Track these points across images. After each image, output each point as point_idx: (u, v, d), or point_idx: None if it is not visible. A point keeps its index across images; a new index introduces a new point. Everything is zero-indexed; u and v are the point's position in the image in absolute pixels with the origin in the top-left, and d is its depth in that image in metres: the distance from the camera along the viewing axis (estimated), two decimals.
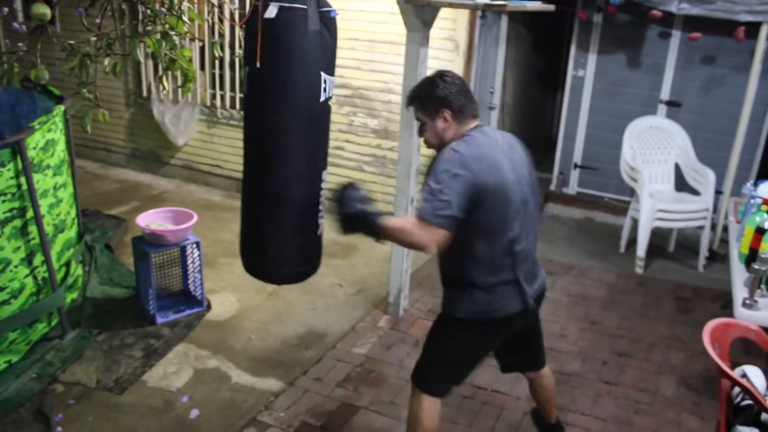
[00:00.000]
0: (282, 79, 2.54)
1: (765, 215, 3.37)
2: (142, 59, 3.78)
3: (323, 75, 2.60)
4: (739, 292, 3.08)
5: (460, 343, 2.57)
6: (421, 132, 2.52)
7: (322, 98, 2.63)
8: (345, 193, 2.45)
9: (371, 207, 2.46)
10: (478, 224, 2.35)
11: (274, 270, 2.83)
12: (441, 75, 2.48)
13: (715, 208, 5.30)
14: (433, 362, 2.63)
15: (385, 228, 2.35)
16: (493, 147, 2.39)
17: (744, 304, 2.96)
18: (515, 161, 2.44)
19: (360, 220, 2.40)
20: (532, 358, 2.86)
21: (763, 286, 3.07)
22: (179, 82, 5.33)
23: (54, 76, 3.13)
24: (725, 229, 5.18)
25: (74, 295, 4.13)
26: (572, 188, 6.26)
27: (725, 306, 4.45)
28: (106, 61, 3.09)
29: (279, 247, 2.74)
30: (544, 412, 3.05)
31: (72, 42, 3.12)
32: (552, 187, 6.32)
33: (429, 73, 2.62)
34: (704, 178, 5.14)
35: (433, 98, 2.44)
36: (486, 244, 2.40)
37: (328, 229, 2.82)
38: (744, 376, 2.64)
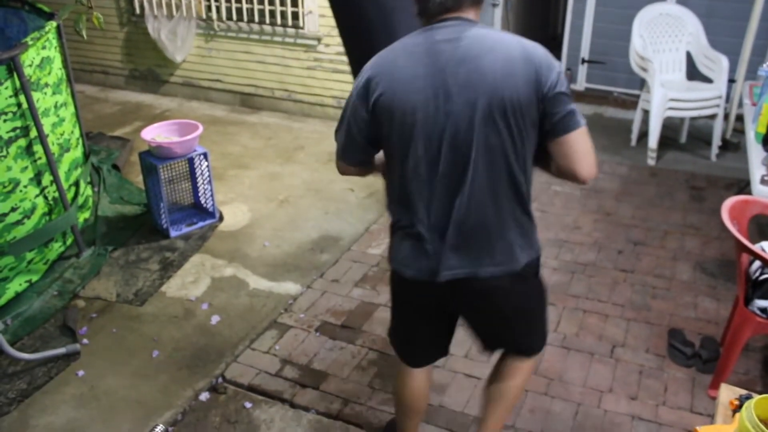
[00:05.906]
0: None
1: None
2: None
3: None
4: (757, 171, 3.03)
5: (390, 291, 2.14)
6: None
7: None
8: None
9: None
10: (384, 145, 1.88)
11: None
12: None
13: (728, 98, 5.18)
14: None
15: None
16: (417, 55, 1.72)
17: (762, 181, 2.93)
18: (458, 78, 1.69)
19: None
20: (493, 343, 2.16)
21: None
22: None
23: None
24: (738, 118, 5.08)
25: (86, 214, 4.13)
26: (580, 84, 6.11)
27: (739, 193, 4.41)
28: None
29: None
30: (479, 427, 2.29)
31: None
32: None
33: None
34: (717, 64, 4.99)
35: None
36: (390, 174, 1.91)
37: None
38: (763, 251, 2.64)
